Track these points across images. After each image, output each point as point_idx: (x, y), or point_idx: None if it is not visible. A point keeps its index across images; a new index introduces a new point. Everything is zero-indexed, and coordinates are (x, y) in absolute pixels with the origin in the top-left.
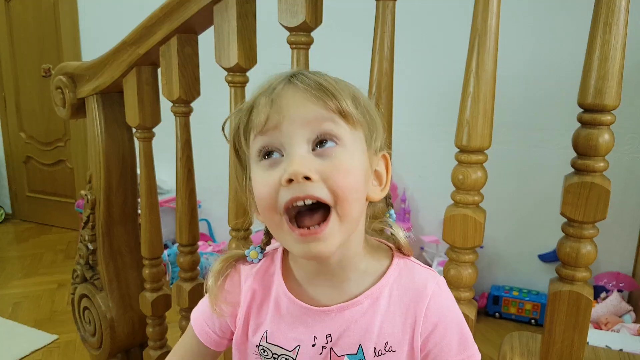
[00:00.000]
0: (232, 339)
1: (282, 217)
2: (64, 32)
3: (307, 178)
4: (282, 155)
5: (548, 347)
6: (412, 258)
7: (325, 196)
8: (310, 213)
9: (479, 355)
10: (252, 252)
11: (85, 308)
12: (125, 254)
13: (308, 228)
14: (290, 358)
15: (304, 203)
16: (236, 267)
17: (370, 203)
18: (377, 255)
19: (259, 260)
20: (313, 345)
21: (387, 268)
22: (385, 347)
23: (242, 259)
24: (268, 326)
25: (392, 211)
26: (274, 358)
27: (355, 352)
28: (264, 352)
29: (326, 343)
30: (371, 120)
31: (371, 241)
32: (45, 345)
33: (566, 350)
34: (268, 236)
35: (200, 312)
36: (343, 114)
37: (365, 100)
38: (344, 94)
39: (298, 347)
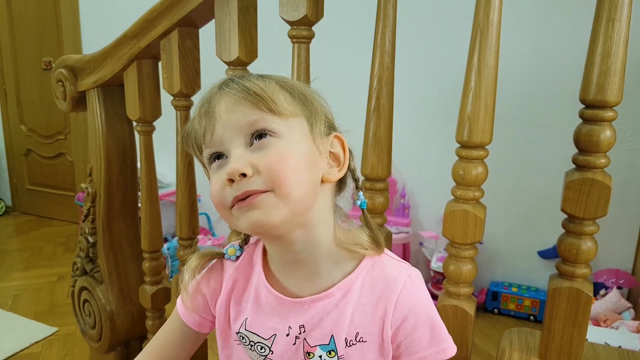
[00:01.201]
0: (214, 321)
1: (230, 210)
2: (64, 24)
3: (244, 175)
4: (227, 157)
5: (547, 344)
6: (387, 252)
7: (262, 186)
8: None
9: (453, 349)
10: (230, 250)
11: (85, 301)
12: (126, 247)
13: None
14: (266, 346)
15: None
16: (219, 259)
17: (340, 189)
18: (352, 248)
19: (237, 257)
20: (287, 335)
21: (361, 260)
22: (355, 338)
23: (219, 256)
24: (248, 314)
25: (361, 193)
26: (251, 345)
27: (327, 343)
28: (243, 339)
29: (299, 333)
30: (310, 106)
31: (349, 236)
32: (45, 338)
33: (565, 346)
34: (248, 234)
35: (184, 293)
36: (272, 111)
37: (301, 89)
38: (273, 93)
39: (274, 336)
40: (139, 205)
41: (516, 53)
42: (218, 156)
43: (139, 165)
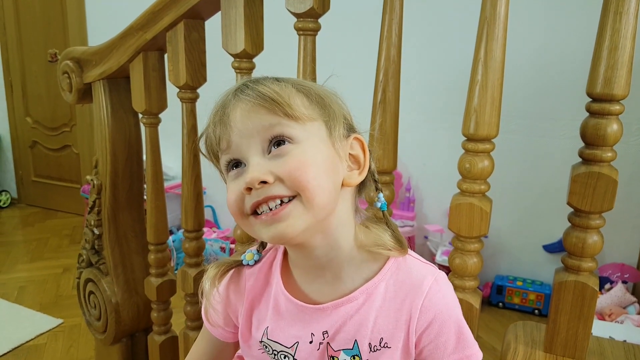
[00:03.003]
0: (236, 332)
1: (249, 217)
2: (70, 16)
3: (264, 182)
4: (245, 165)
5: (552, 337)
6: (412, 253)
7: (285, 192)
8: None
9: (479, 355)
10: (247, 255)
11: (91, 292)
12: (131, 239)
13: (268, 213)
14: (289, 355)
15: (269, 208)
16: (239, 267)
17: (361, 190)
18: (374, 251)
19: (255, 262)
20: (310, 342)
21: (384, 263)
22: (380, 343)
23: (238, 264)
24: (268, 323)
25: (381, 195)
26: (275, 354)
27: (351, 347)
28: (266, 347)
29: (323, 339)
30: (328, 109)
31: (370, 237)
32: (50, 329)
33: (570, 340)
34: None
35: (208, 308)
36: (288, 116)
37: (318, 91)
38: (289, 98)
39: (296, 344)
40: (145, 197)
41: (523, 46)
42: (236, 164)
43: (144, 157)
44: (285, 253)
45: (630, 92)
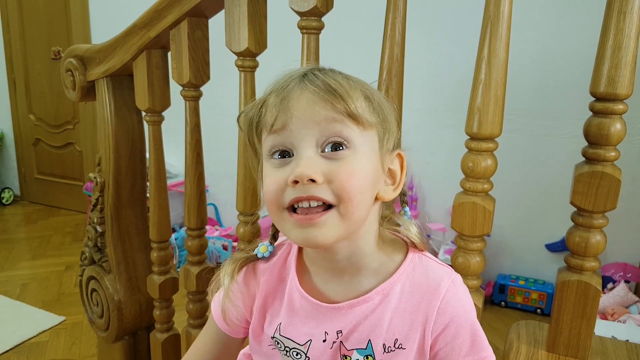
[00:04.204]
0: (248, 327)
1: (285, 211)
2: (73, 14)
3: (313, 180)
4: (292, 155)
5: (555, 336)
6: (427, 254)
7: (328, 197)
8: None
9: (493, 358)
10: (261, 248)
11: (93, 290)
12: (134, 237)
13: (306, 213)
14: (301, 352)
15: (309, 205)
16: (235, 278)
17: (383, 202)
18: (391, 251)
19: (270, 253)
20: (324, 341)
21: (400, 264)
22: (394, 344)
23: (253, 258)
24: (282, 319)
25: (407, 209)
26: (287, 350)
27: (365, 347)
28: (278, 344)
29: (336, 338)
30: (385, 120)
31: (386, 235)
32: (52, 327)
33: (573, 339)
34: (276, 228)
35: (219, 302)
36: (352, 117)
37: (379, 99)
38: (355, 96)
39: (309, 342)
40: (148, 195)
41: (527, 45)
42: (282, 153)
43: (147, 155)
44: (299, 249)
45: (633, 92)
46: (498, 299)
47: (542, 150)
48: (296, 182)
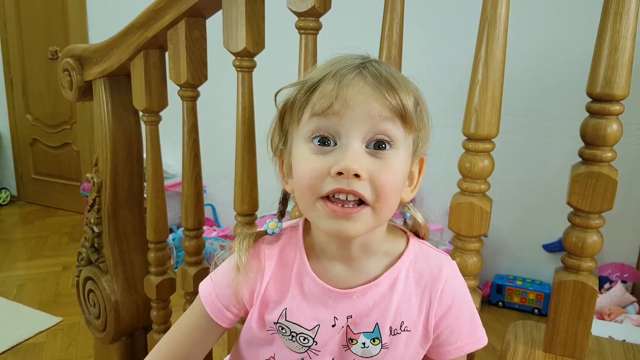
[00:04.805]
0: (240, 316)
1: (319, 200)
2: (71, 14)
3: (357, 175)
4: (335, 144)
5: (552, 337)
6: (426, 242)
7: (368, 195)
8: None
9: (486, 338)
10: (271, 224)
11: (90, 291)
12: (131, 237)
13: (342, 206)
14: (309, 337)
15: (346, 198)
16: (257, 245)
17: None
18: (394, 237)
19: (279, 229)
20: (333, 326)
21: (404, 250)
22: (400, 327)
23: (263, 234)
24: (288, 304)
25: (411, 205)
26: (293, 336)
27: (372, 330)
28: (282, 329)
29: (346, 323)
30: (424, 127)
31: (390, 231)
32: (49, 328)
33: (570, 339)
34: (283, 205)
35: (213, 289)
36: (403, 118)
37: (424, 105)
38: (410, 97)
39: (317, 327)
40: (145, 195)
41: (524, 46)
42: (323, 139)
43: (145, 155)
44: (304, 232)
45: (630, 93)
46: (496, 299)
47: (540, 151)
48: (340, 173)
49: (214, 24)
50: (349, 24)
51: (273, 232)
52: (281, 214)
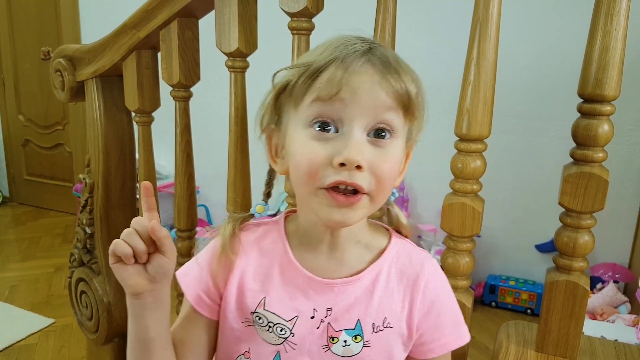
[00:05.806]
0: (219, 304)
1: (320, 189)
2: (63, 14)
3: (359, 167)
4: (336, 130)
5: (544, 336)
6: (407, 239)
7: (367, 186)
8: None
9: (469, 336)
10: (258, 207)
11: (83, 292)
12: None
13: (344, 194)
14: (286, 328)
15: (345, 187)
16: (239, 233)
17: None
18: (376, 232)
19: (266, 212)
20: (312, 318)
21: (386, 246)
22: (383, 323)
23: (249, 218)
24: (267, 293)
25: (395, 190)
26: (269, 326)
27: (353, 327)
28: (259, 319)
29: (325, 317)
30: (420, 116)
31: (373, 226)
32: (41, 329)
33: (562, 339)
34: (269, 187)
35: (192, 278)
36: (407, 104)
37: (423, 94)
38: (413, 81)
39: (296, 318)
40: (137, 196)
41: (516, 47)
42: (323, 124)
43: (137, 156)
44: (286, 222)
45: (621, 93)
46: (488, 299)
47: (534, 152)
48: (343, 164)
49: (207, 25)
50: (342, 25)
51: (260, 216)
52: (267, 196)
